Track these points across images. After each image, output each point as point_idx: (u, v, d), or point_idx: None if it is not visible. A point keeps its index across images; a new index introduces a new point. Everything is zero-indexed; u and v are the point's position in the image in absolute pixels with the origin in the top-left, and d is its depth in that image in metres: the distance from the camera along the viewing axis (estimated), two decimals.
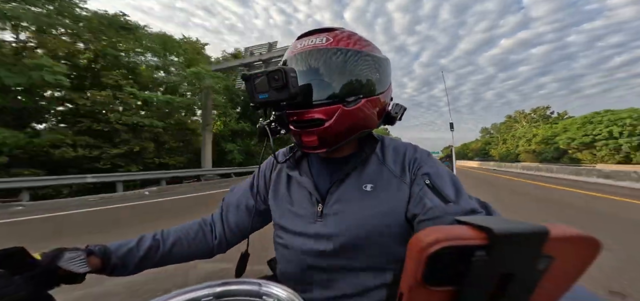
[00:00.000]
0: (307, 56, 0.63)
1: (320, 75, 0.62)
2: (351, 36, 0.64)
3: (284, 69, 0.53)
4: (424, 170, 0.62)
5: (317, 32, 0.65)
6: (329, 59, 0.62)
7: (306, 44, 0.63)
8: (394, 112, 0.71)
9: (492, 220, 0.18)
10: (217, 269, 2.30)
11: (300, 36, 0.67)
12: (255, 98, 0.56)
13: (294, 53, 0.64)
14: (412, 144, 0.70)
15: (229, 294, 0.49)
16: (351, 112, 0.60)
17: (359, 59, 0.62)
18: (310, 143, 0.62)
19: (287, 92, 0.54)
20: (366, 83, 0.63)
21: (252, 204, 0.76)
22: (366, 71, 0.63)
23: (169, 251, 0.68)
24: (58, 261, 0.50)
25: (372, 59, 0.64)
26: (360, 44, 0.64)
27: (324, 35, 0.63)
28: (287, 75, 0.53)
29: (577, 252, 0.18)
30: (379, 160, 0.67)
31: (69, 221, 5.31)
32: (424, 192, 0.59)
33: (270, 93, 0.54)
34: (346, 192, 0.64)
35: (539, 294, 0.19)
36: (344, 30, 0.66)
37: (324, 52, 0.62)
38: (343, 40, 0.63)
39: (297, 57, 0.64)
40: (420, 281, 0.17)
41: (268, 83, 0.54)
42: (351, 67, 0.61)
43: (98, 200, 8.26)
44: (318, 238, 0.62)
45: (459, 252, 0.17)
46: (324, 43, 0.62)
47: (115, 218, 5.57)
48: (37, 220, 5.34)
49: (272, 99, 0.55)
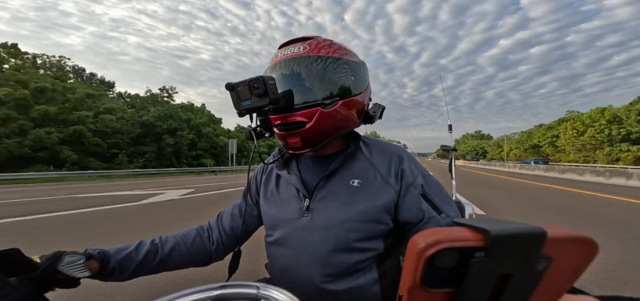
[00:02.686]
0: (287, 64, 0.67)
1: (300, 81, 0.66)
2: (329, 44, 0.68)
3: (263, 77, 0.58)
4: (419, 180, 0.67)
5: (295, 41, 0.70)
6: (306, 65, 0.65)
7: (286, 53, 0.67)
8: (372, 111, 0.75)
9: (491, 222, 0.18)
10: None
11: (281, 45, 0.71)
12: (240, 106, 0.60)
13: (275, 61, 0.68)
14: (400, 147, 0.74)
15: (226, 297, 0.48)
16: (329, 113, 0.64)
17: (334, 64, 0.66)
18: (295, 144, 0.66)
19: (267, 98, 0.58)
20: (342, 86, 0.66)
21: (245, 207, 0.79)
22: (342, 75, 0.67)
23: (167, 257, 0.68)
24: (57, 264, 0.50)
25: (347, 63, 0.68)
26: (335, 50, 0.68)
27: (301, 44, 0.68)
28: (266, 83, 0.57)
29: (575, 253, 0.18)
30: (366, 158, 0.70)
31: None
32: (421, 201, 0.64)
33: (253, 100, 0.59)
34: (334, 187, 0.67)
35: (538, 295, 0.19)
36: (320, 39, 0.70)
37: (301, 59, 0.66)
38: (319, 48, 0.67)
39: (277, 65, 0.68)
40: (419, 283, 0.17)
41: (250, 91, 0.58)
42: (327, 72, 0.65)
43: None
44: (305, 232, 0.65)
45: (458, 253, 0.17)
46: (301, 51, 0.66)
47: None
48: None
49: (255, 106, 0.59)
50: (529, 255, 0.17)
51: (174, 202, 6.62)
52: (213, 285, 0.49)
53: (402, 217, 0.65)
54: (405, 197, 0.65)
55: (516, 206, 6.23)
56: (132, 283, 0.77)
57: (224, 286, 0.49)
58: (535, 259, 0.17)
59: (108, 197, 7.44)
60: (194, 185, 11.16)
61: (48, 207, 5.89)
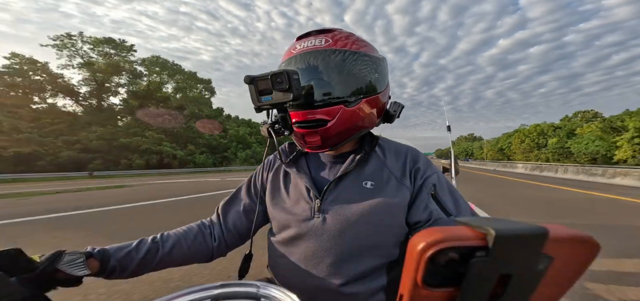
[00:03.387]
0: (307, 57, 0.63)
1: (321, 76, 0.62)
2: (349, 37, 0.65)
3: (287, 71, 0.53)
4: (432, 180, 0.64)
5: (316, 33, 0.66)
6: (329, 59, 0.62)
7: (306, 45, 0.63)
8: (392, 110, 0.72)
9: (492, 221, 0.18)
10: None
11: (300, 37, 0.67)
12: (259, 101, 0.55)
13: (293, 54, 0.64)
14: (413, 148, 0.71)
15: (226, 296, 0.48)
16: (352, 111, 0.61)
17: (358, 60, 0.63)
18: (314, 143, 0.63)
19: (290, 94, 0.53)
20: (365, 83, 0.63)
21: (249, 204, 0.76)
22: (365, 71, 0.63)
23: (169, 254, 0.68)
24: (57, 263, 0.50)
25: (371, 59, 0.65)
26: (358, 45, 0.64)
27: (323, 36, 0.64)
28: (290, 78, 0.53)
29: (576, 253, 0.18)
30: (379, 160, 0.67)
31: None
32: (430, 201, 0.61)
33: (274, 95, 0.54)
34: (346, 188, 0.64)
35: (539, 294, 0.19)
36: (342, 31, 0.66)
37: (323, 53, 0.62)
38: (341, 41, 0.63)
39: (297, 58, 0.64)
40: (420, 282, 0.17)
41: (272, 85, 0.54)
42: (351, 68, 0.62)
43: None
44: (315, 234, 0.62)
45: (459, 253, 0.17)
46: (323, 44, 0.62)
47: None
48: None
49: (276, 101, 0.55)
50: (530, 254, 0.17)
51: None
52: (213, 284, 0.49)
53: (411, 218, 0.62)
54: (417, 196, 0.62)
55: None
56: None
57: (224, 285, 0.49)
58: (536, 259, 0.17)
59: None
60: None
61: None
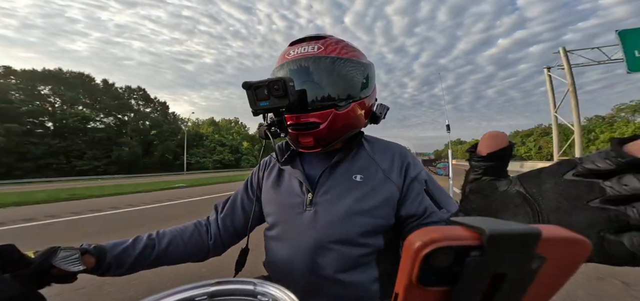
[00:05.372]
0: (300, 63, 0.66)
1: (314, 81, 0.65)
2: (339, 43, 0.68)
3: (284, 78, 0.56)
4: (423, 176, 0.67)
5: (308, 39, 0.69)
6: (320, 66, 0.65)
7: (299, 52, 0.66)
8: (378, 112, 0.76)
9: (486, 221, 0.18)
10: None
11: (293, 43, 0.70)
12: (256, 105, 0.59)
13: (287, 59, 0.67)
14: (401, 145, 0.74)
15: (223, 293, 0.48)
16: (343, 114, 0.64)
17: (347, 66, 0.66)
18: (307, 144, 0.66)
19: (286, 100, 0.57)
20: (355, 88, 0.67)
21: (247, 203, 0.78)
22: (354, 76, 0.67)
23: (165, 251, 0.68)
24: (52, 259, 0.49)
25: (359, 64, 0.68)
26: (348, 51, 0.68)
27: (315, 43, 0.67)
28: (287, 85, 0.56)
29: (568, 253, 0.18)
30: (368, 155, 0.70)
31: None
32: (424, 197, 0.64)
33: (271, 101, 0.58)
34: (336, 180, 0.66)
35: (531, 293, 0.19)
36: (332, 38, 0.69)
37: (315, 59, 0.65)
38: (332, 47, 0.66)
39: (290, 64, 0.67)
40: (416, 281, 0.17)
41: (269, 92, 0.57)
42: (341, 73, 0.65)
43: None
44: (308, 226, 0.64)
45: (454, 252, 0.17)
46: (315, 51, 0.65)
47: None
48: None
49: (273, 106, 0.58)
50: (523, 254, 0.17)
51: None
52: (210, 281, 0.49)
53: (405, 211, 0.64)
54: (409, 191, 0.65)
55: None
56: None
57: (221, 282, 0.49)
58: (529, 259, 0.17)
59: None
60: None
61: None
